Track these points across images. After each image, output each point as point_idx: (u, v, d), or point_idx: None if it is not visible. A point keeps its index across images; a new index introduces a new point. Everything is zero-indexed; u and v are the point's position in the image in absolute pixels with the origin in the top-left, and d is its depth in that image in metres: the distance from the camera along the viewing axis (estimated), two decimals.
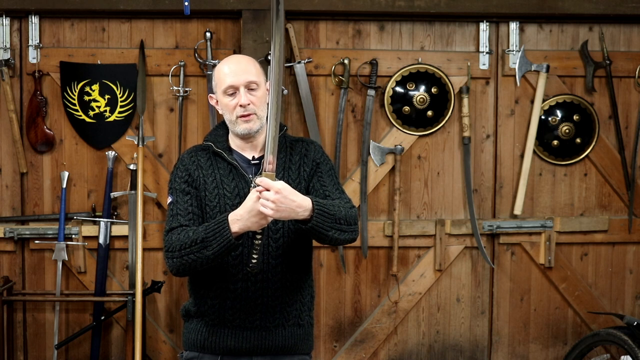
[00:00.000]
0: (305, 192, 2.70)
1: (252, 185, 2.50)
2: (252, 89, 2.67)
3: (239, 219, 2.50)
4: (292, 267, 2.70)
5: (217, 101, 2.76)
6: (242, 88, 2.66)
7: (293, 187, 2.55)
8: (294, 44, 4.45)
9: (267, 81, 2.72)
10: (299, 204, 2.48)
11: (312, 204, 2.51)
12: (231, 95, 2.67)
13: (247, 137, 2.71)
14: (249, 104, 2.65)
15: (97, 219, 4.44)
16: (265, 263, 2.65)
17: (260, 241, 2.52)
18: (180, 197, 2.69)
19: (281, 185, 2.45)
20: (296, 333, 2.75)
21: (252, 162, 2.73)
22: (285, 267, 2.68)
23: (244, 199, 2.53)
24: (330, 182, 2.76)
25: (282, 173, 2.71)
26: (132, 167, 4.42)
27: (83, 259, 4.48)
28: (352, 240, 2.66)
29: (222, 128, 2.82)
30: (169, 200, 2.73)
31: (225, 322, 2.69)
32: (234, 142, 2.76)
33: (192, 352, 2.76)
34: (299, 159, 2.76)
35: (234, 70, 2.68)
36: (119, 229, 4.46)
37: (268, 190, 2.44)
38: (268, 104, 2.52)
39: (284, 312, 2.71)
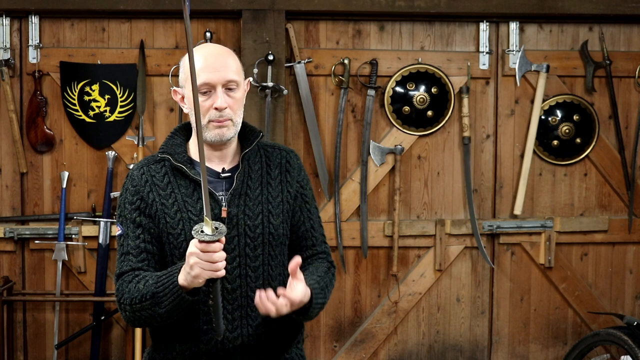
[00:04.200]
0: (289, 216, 2.30)
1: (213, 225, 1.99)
2: (230, 89, 2.20)
3: (183, 271, 2.06)
4: None
5: (182, 97, 2.26)
6: (219, 87, 2.18)
7: (274, 209, 2.25)
8: (294, 44, 4.45)
9: (245, 79, 2.30)
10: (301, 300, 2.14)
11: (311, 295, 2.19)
12: (205, 94, 2.17)
13: (216, 146, 2.24)
14: (225, 108, 2.18)
15: (97, 219, 4.44)
16: (244, 296, 2.21)
17: (214, 302, 2.04)
18: (131, 230, 2.20)
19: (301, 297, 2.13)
20: None
21: (223, 174, 2.25)
22: None
23: (216, 222, 2.01)
24: (317, 222, 2.37)
25: (260, 189, 2.26)
26: (132, 167, 4.42)
27: (83, 259, 4.48)
28: None
29: (178, 135, 2.31)
30: (118, 232, 2.24)
31: None
32: (196, 152, 2.23)
33: None
34: (279, 174, 2.31)
35: (213, 64, 2.18)
36: None
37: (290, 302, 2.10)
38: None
39: (269, 352, 2.27)
